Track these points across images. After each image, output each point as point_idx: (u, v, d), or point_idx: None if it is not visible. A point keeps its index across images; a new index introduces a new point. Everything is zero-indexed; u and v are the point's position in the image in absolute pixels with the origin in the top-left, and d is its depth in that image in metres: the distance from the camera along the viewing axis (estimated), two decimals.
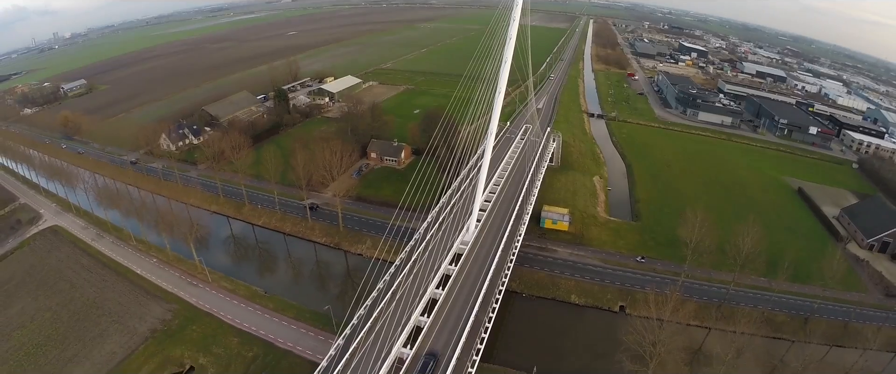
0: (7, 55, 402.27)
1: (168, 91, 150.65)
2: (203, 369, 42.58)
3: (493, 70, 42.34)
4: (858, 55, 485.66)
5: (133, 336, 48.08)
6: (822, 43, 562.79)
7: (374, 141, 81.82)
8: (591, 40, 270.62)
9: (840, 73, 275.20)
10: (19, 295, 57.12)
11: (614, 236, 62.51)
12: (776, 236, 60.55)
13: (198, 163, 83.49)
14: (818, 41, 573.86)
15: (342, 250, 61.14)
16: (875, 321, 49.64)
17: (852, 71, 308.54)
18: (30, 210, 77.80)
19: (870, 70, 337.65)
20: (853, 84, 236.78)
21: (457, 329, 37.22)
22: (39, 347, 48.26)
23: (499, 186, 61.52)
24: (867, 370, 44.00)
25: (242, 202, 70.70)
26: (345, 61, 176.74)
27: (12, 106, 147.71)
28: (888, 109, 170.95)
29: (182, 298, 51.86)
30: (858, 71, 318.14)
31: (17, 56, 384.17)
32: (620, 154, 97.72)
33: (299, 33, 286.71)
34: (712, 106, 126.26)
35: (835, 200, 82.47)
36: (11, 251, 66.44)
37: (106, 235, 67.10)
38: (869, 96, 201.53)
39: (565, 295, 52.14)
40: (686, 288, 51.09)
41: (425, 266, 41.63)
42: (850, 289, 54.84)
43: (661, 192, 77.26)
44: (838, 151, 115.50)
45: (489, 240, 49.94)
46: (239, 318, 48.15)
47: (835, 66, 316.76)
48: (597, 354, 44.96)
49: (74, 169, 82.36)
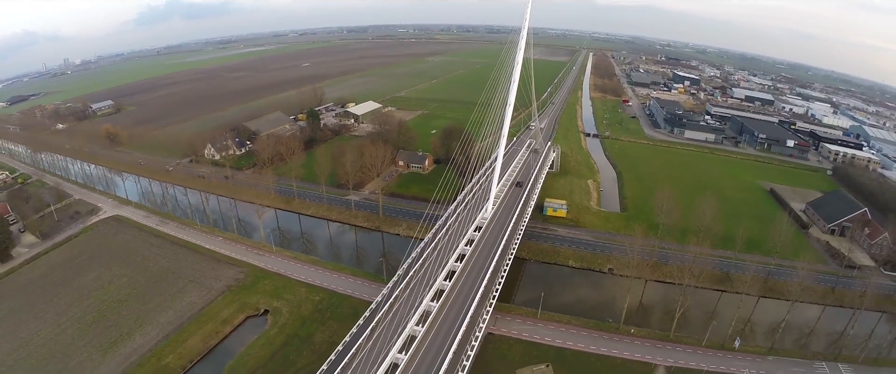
0: (19, 78, 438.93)
1: (196, 112, 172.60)
2: (277, 310, 57.20)
3: (501, 95, 58.68)
4: (856, 80, 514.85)
5: (210, 291, 61.88)
6: (818, 69, 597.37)
7: (402, 151, 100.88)
8: (590, 72, 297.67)
9: (830, 96, 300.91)
10: (91, 266, 69.54)
11: (604, 222, 78.86)
12: (746, 223, 75.95)
13: (244, 168, 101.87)
14: (815, 68, 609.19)
15: (381, 231, 77.93)
16: (829, 283, 64.05)
17: (844, 94, 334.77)
18: (86, 204, 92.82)
19: (863, 93, 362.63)
20: (842, 106, 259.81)
21: (482, 272, 52.54)
22: (121, 302, 60.31)
23: (509, 179, 78.99)
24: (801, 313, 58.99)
25: (292, 198, 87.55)
26: (362, 90, 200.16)
27: (42, 120, 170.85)
28: (873, 126, 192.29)
29: (251, 263, 67.08)
30: (851, 94, 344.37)
31: (29, 79, 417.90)
32: (612, 164, 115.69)
33: (312, 65, 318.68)
34: (697, 124, 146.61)
35: (803, 197, 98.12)
36: (76, 235, 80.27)
37: (169, 222, 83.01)
38: (856, 116, 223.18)
39: (564, 260, 68.06)
40: (661, 255, 66.29)
41: (456, 231, 57.60)
42: (813, 262, 69.85)
43: (645, 191, 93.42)
44: (815, 161, 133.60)
45: (503, 216, 66.25)
46: (303, 276, 63.30)
47: (827, 90, 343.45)
48: (591, 300, 59.90)
49: (124, 173, 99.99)
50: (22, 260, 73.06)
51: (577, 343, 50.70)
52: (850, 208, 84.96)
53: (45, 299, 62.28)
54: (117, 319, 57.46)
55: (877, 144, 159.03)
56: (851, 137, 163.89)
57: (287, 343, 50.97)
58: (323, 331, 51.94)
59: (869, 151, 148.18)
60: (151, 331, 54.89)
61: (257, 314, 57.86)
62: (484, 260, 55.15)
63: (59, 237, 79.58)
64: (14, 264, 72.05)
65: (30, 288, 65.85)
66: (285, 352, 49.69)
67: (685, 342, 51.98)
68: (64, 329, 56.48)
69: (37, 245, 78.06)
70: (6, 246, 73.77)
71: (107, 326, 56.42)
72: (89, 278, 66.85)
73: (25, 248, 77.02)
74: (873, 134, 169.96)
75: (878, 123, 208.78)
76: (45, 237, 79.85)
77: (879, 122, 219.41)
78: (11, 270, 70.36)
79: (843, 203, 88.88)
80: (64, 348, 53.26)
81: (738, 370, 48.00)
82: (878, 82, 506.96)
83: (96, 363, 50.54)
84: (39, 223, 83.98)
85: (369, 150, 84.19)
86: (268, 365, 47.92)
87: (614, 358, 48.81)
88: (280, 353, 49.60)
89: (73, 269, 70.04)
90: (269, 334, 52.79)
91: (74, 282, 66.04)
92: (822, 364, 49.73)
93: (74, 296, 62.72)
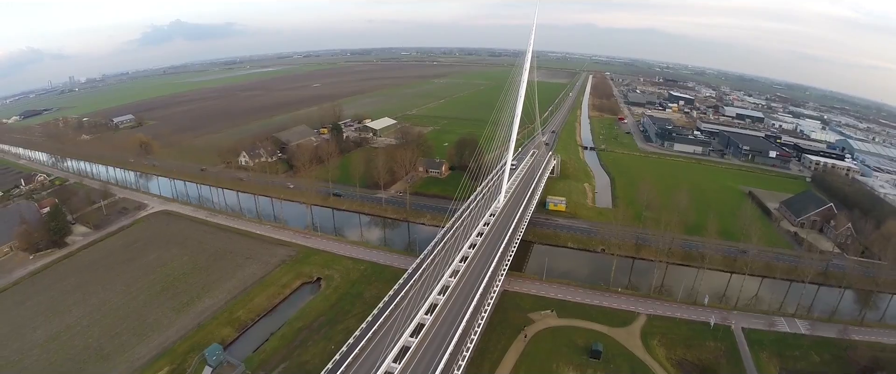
0: (25, 94, 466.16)
1: (218, 127, 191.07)
2: (330, 277, 71.77)
3: (509, 109, 74.26)
4: (853, 99, 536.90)
5: (267, 265, 75.58)
6: (816, 89, 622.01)
7: (421, 158, 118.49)
8: (589, 92, 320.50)
9: (823, 114, 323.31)
10: (150, 249, 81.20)
11: (597, 214, 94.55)
12: (722, 218, 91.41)
13: (278, 173, 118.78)
14: (813, 87, 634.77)
15: (408, 222, 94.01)
16: (791, 261, 77.73)
17: (838, 112, 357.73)
18: (132, 201, 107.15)
19: (857, 111, 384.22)
20: (833, 122, 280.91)
21: (495, 246, 67.57)
22: (185, 275, 71.89)
23: (517, 180, 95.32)
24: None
25: (327, 196, 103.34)
26: (375, 108, 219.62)
27: (65, 131, 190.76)
28: (860, 140, 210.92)
29: (299, 244, 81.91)
30: (844, 112, 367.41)
31: (35, 96, 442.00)
32: (606, 172, 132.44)
33: (322, 85, 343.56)
34: (686, 138, 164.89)
35: (779, 199, 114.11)
36: (128, 226, 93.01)
37: (217, 214, 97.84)
38: (844, 131, 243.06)
39: (564, 242, 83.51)
40: (643, 238, 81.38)
41: (475, 215, 73.17)
42: (782, 248, 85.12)
43: (634, 192, 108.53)
44: (796, 170, 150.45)
45: (512, 206, 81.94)
46: (346, 252, 78.23)
47: (821, 108, 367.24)
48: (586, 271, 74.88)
49: (161, 177, 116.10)
50: (78, 246, 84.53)
51: (574, 298, 65.27)
52: (817, 205, 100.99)
53: (111, 275, 72.98)
54: (185, 287, 69.02)
55: (860, 156, 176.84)
56: (836, 150, 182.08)
57: (341, 299, 65.41)
58: (370, 289, 66.35)
59: (850, 161, 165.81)
60: (219, 295, 67.49)
61: (311, 281, 72.50)
62: (499, 234, 70.32)
63: (111, 228, 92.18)
64: (71, 249, 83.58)
65: (93, 267, 76.40)
66: (341, 305, 64.09)
67: (663, 299, 66.61)
68: (134, 297, 66.88)
69: (90, 234, 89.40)
70: (64, 233, 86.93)
71: (176, 292, 68.13)
72: (151, 258, 78.49)
73: (79, 237, 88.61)
74: (858, 147, 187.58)
75: (867, 138, 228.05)
76: (97, 228, 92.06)
77: (869, 137, 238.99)
78: (70, 254, 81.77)
79: (812, 201, 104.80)
80: (137, 310, 63.82)
81: (706, 319, 62.26)
82: (875, 101, 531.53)
83: (171, 319, 61.87)
84: (90, 216, 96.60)
85: (400, 153, 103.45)
86: (328, 313, 62.25)
87: (605, 308, 63.29)
88: (336, 305, 63.97)
89: (133, 251, 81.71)
90: (325, 293, 67.34)
91: (137, 261, 77.66)
92: (780, 318, 63.77)
93: (139, 272, 73.83)
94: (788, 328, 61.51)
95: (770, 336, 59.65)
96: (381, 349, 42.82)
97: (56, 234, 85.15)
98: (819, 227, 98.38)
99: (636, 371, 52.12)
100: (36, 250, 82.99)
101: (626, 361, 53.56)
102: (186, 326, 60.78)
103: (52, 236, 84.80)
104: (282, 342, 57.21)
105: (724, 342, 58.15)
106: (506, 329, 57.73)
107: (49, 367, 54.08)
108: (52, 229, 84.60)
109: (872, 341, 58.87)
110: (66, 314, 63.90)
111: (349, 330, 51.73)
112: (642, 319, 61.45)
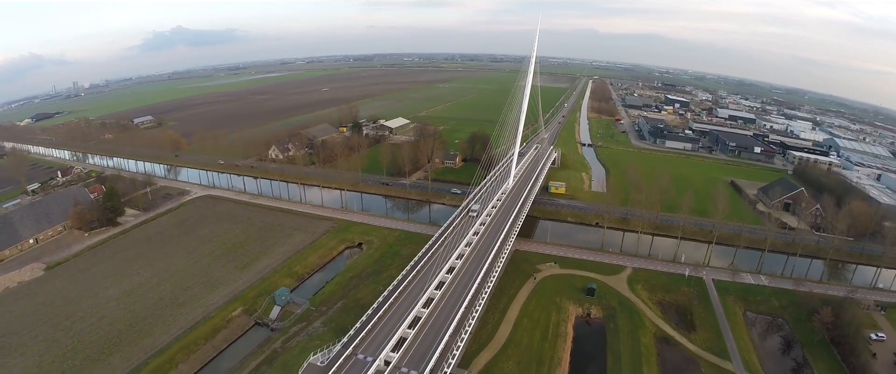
0: (30, 99, 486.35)
1: (239, 127, 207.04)
2: (370, 242, 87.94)
3: (515, 108, 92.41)
4: (852, 102, 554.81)
5: (313, 234, 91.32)
6: (816, 93, 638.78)
7: (437, 151, 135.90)
8: (589, 96, 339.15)
9: (816, 116, 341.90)
10: (203, 225, 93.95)
11: (594, 197, 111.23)
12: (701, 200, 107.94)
13: (307, 165, 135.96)
14: (812, 92, 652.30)
15: (430, 202, 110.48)
16: (759, 234, 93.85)
17: (834, 115, 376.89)
18: (175, 189, 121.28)
19: (853, 114, 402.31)
20: (825, 124, 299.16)
21: (508, 214, 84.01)
22: (241, 243, 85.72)
23: (524, 167, 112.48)
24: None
25: (356, 182, 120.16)
26: (384, 111, 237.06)
27: (88, 131, 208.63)
28: (848, 139, 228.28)
29: (339, 218, 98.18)
30: (840, 114, 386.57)
31: (40, 101, 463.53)
32: (602, 165, 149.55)
33: (331, 89, 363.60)
34: (676, 135, 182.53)
35: (758, 187, 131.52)
36: (175, 208, 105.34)
37: (259, 198, 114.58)
38: (835, 132, 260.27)
39: (564, 218, 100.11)
40: (632, 214, 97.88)
41: (489, 194, 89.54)
42: (757, 225, 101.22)
43: (626, 180, 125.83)
44: (780, 165, 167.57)
45: (520, 187, 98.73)
46: (381, 224, 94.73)
47: (817, 111, 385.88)
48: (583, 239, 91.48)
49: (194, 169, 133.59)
50: (131, 225, 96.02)
51: (573, 255, 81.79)
52: (790, 190, 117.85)
53: (171, 245, 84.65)
54: (243, 252, 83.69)
55: (845, 153, 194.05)
56: (822, 147, 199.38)
57: (383, 256, 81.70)
58: (405, 249, 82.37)
59: (835, 157, 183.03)
60: (275, 256, 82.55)
61: (353, 245, 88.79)
62: (511, 205, 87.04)
63: (159, 210, 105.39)
64: (124, 227, 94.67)
65: (151, 241, 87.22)
66: (383, 260, 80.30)
67: (647, 258, 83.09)
68: (198, 260, 78.84)
69: (140, 216, 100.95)
70: (119, 213, 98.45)
71: (236, 256, 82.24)
72: (205, 232, 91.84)
73: (130, 218, 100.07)
74: (845, 145, 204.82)
75: (857, 138, 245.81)
76: (146, 211, 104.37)
77: (859, 137, 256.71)
78: (123, 231, 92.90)
79: (786, 187, 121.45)
80: (203, 270, 75.39)
81: (682, 272, 78.18)
82: (873, 105, 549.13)
83: (236, 276, 75.60)
84: (138, 200, 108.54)
85: (422, 144, 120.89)
86: (373, 266, 78.43)
87: (598, 262, 79.73)
88: (379, 261, 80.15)
89: (186, 227, 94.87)
90: (368, 252, 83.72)
91: (192, 234, 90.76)
92: (747, 275, 79.69)
93: (197, 242, 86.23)
94: (753, 281, 77.32)
95: (736, 286, 75.53)
96: (423, 284, 57.96)
97: (112, 213, 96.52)
98: (791, 209, 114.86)
99: (623, 304, 68.13)
100: (90, 229, 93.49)
101: (615, 298, 69.66)
102: (251, 279, 75.14)
103: (108, 215, 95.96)
104: (337, 287, 73.15)
105: (696, 288, 74.15)
106: (518, 275, 73.97)
107: (129, 315, 63.75)
108: (108, 208, 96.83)
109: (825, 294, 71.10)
110: (135, 276, 74.09)
111: (393, 277, 65.72)
112: (629, 270, 77.78)
